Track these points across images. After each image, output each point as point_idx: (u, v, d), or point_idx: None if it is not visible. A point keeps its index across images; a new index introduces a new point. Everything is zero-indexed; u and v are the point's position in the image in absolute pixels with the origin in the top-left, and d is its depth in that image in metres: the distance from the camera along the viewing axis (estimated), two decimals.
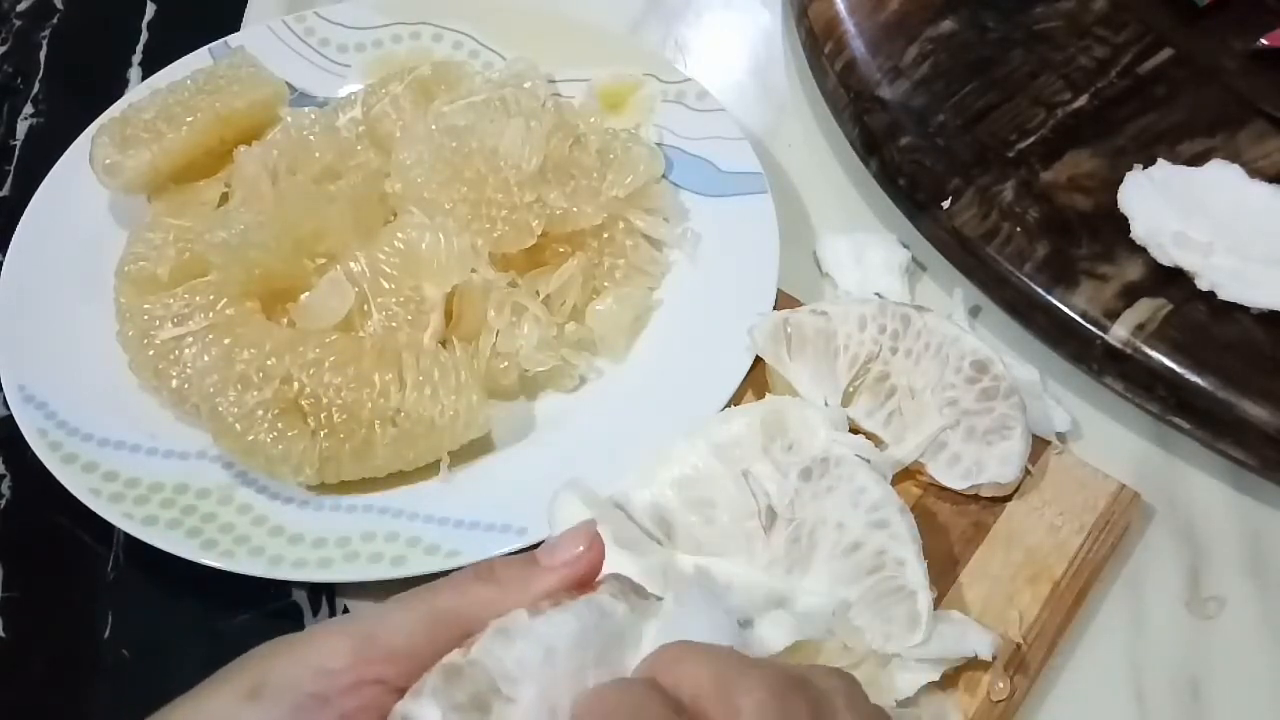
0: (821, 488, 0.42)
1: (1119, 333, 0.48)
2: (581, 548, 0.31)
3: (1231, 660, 0.44)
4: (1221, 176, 0.51)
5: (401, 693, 0.27)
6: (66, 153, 0.56)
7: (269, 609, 0.46)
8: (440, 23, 0.63)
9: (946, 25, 0.59)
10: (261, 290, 0.50)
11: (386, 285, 0.50)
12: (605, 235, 0.53)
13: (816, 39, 0.60)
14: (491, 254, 0.51)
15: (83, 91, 0.66)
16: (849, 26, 0.59)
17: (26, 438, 0.46)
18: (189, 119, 0.54)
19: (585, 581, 0.30)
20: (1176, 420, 0.47)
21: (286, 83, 0.59)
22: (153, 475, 0.46)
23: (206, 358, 0.47)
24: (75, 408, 0.48)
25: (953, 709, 0.40)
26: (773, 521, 0.42)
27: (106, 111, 0.57)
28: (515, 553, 0.43)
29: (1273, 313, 0.48)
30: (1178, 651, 0.44)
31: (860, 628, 0.40)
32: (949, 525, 0.45)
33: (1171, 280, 0.49)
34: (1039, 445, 0.47)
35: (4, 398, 0.48)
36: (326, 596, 0.46)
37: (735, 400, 0.48)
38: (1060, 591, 0.43)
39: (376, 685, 0.28)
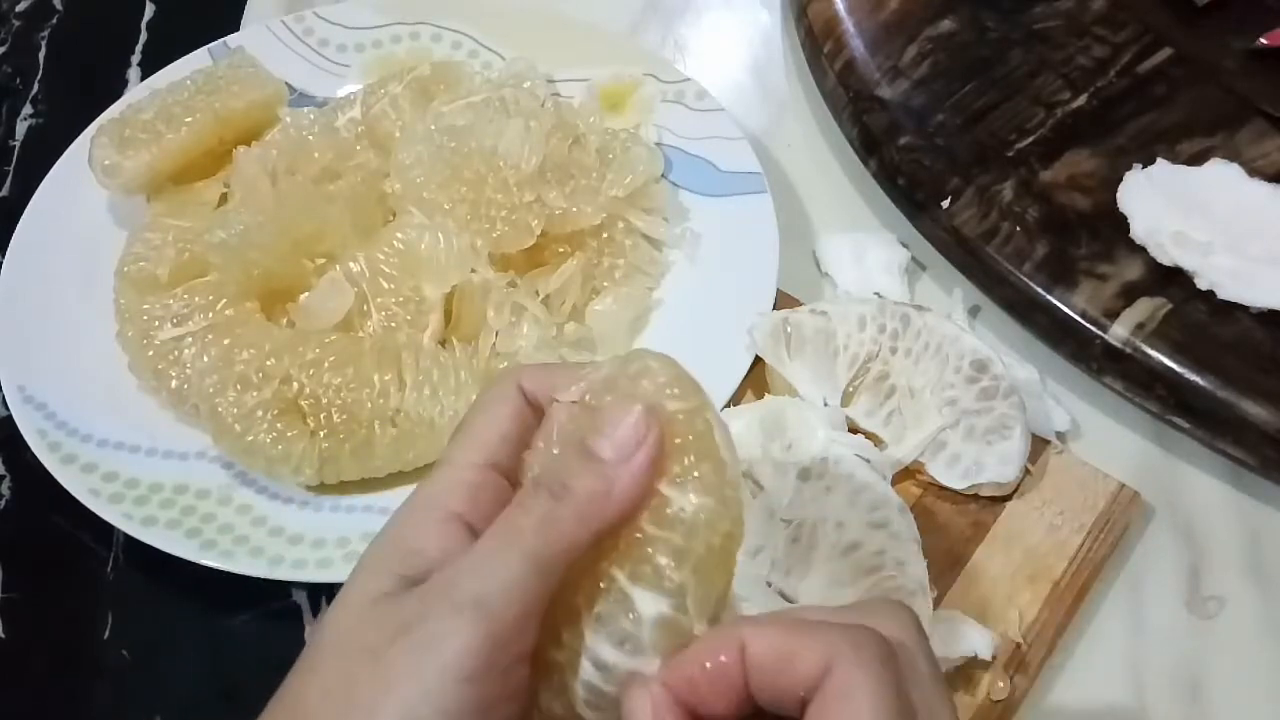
0: (821, 488, 0.42)
1: (1118, 332, 0.48)
2: (638, 432, 0.28)
3: (1231, 660, 0.44)
4: (1221, 176, 0.51)
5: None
6: (66, 153, 0.56)
7: (269, 609, 0.46)
8: (439, 23, 0.63)
9: (946, 25, 0.59)
10: (261, 290, 0.50)
11: (386, 285, 0.50)
12: (605, 235, 0.53)
13: (816, 38, 0.60)
14: (491, 254, 0.51)
15: (83, 91, 0.66)
16: (848, 26, 0.59)
17: (26, 438, 0.46)
18: (188, 119, 0.54)
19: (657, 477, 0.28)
20: (1176, 420, 0.47)
21: (286, 83, 0.59)
22: (152, 476, 0.46)
23: (206, 358, 0.47)
24: (75, 408, 0.48)
25: None
26: (772, 521, 0.42)
27: (106, 112, 0.57)
28: None
29: (1272, 312, 0.48)
30: (1178, 651, 0.44)
31: None
32: (949, 525, 0.45)
33: (1171, 279, 0.49)
34: (1039, 445, 0.47)
35: (4, 398, 0.48)
36: (326, 597, 0.46)
37: (735, 400, 0.48)
38: (1060, 591, 0.43)
39: (520, 664, 0.27)
